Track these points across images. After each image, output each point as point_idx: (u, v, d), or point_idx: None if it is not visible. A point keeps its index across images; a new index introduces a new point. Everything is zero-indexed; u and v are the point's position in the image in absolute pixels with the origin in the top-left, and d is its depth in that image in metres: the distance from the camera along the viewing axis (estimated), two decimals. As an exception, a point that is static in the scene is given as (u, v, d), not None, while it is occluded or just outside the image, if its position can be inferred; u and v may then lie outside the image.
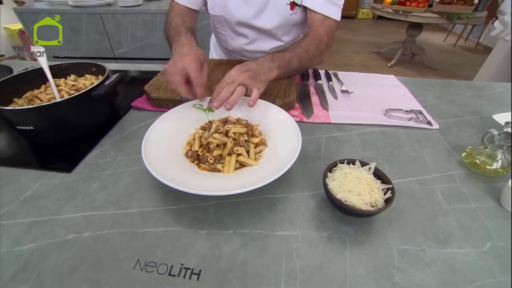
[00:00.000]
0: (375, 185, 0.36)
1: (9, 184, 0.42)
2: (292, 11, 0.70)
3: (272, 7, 0.69)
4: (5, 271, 0.31)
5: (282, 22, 0.72)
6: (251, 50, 0.80)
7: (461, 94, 0.71)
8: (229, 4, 0.70)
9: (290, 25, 0.74)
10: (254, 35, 0.76)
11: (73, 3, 2.00)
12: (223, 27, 0.78)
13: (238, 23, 0.74)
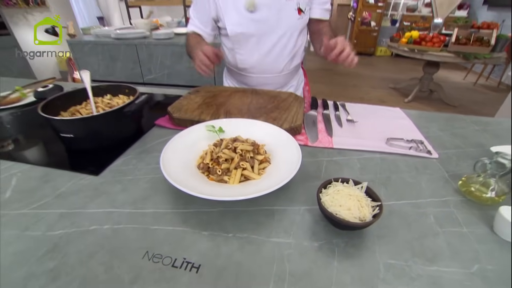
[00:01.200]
0: (365, 201, 0.39)
1: (49, 182, 0.49)
2: (299, 16, 0.83)
3: (285, 13, 0.81)
4: (38, 249, 0.36)
5: (290, 28, 0.84)
6: (266, 64, 0.91)
7: (466, 128, 0.73)
8: (244, 22, 0.81)
9: (298, 30, 0.86)
10: (269, 45, 0.86)
11: (114, 36, 2.28)
12: (240, 46, 0.88)
13: (255, 35, 0.84)
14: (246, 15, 0.80)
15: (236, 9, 0.80)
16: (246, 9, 0.79)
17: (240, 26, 0.82)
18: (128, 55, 2.28)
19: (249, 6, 0.78)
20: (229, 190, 0.45)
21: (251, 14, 0.80)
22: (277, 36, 0.85)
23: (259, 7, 0.78)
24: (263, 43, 0.86)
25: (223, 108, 0.75)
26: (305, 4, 0.82)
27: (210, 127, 0.59)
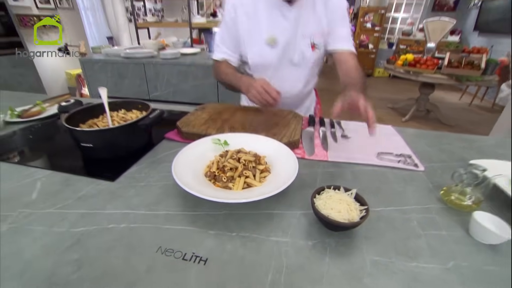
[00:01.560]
0: (353, 205, 0.44)
1: (69, 186, 0.55)
2: (312, 52, 0.91)
3: (299, 49, 0.89)
4: (63, 243, 0.41)
5: (304, 60, 0.92)
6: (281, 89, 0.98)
7: (452, 144, 0.79)
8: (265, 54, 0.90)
9: (311, 63, 0.94)
10: (283, 73, 0.94)
11: (124, 55, 2.41)
12: (259, 73, 0.96)
13: (272, 65, 0.92)
14: (266, 49, 0.89)
15: (258, 43, 0.89)
16: (267, 44, 0.88)
17: (261, 57, 0.92)
18: (136, 73, 2.40)
19: (270, 42, 0.87)
20: (233, 195, 0.50)
21: (271, 48, 0.89)
22: (293, 67, 0.93)
23: (278, 42, 0.87)
24: (279, 73, 0.94)
25: (227, 123, 0.82)
26: (319, 40, 0.90)
27: (216, 140, 0.65)
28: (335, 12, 0.87)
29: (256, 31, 0.88)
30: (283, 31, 0.87)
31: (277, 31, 0.87)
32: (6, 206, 0.49)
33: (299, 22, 0.86)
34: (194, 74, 2.27)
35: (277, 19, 0.86)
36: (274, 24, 0.86)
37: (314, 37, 0.89)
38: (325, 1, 0.86)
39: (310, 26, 0.87)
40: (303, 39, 0.88)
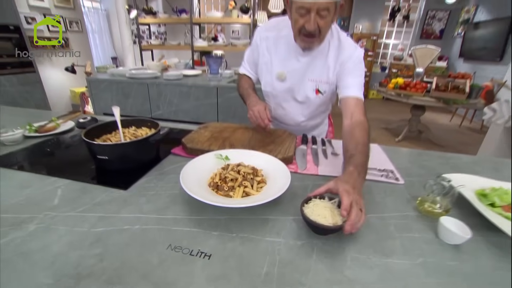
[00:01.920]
0: (336, 211, 0.51)
1: (86, 193, 0.61)
2: (316, 96, 0.98)
3: (303, 89, 0.97)
4: (86, 240, 0.47)
5: (308, 101, 1.00)
6: (287, 118, 1.08)
7: (431, 161, 0.87)
8: (276, 84, 1.00)
9: (315, 104, 1.02)
10: (289, 105, 1.04)
11: (129, 76, 2.54)
12: (269, 100, 1.09)
13: (278, 96, 1.03)
14: (276, 82, 0.99)
15: (270, 74, 0.99)
16: (277, 78, 0.98)
17: (270, 87, 1.02)
18: (139, 93, 2.52)
19: (279, 76, 0.97)
20: (233, 201, 0.57)
21: (279, 82, 0.99)
22: (297, 103, 1.03)
23: (287, 79, 0.97)
24: (284, 104, 1.05)
25: (228, 141, 0.90)
26: (324, 87, 0.95)
27: (218, 155, 0.73)
28: (345, 64, 0.89)
29: (271, 64, 0.98)
30: (293, 71, 0.95)
31: (288, 70, 0.96)
32: (33, 209, 0.55)
33: (309, 67, 0.94)
34: (195, 94, 2.39)
35: (291, 59, 0.94)
36: (287, 62, 0.95)
37: (319, 83, 0.95)
38: (338, 53, 0.90)
39: (317, 73, 0.94)
40: (309, 83, 0.96)
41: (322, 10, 0.75)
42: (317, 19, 0.76)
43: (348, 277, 0.42)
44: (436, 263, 0.45)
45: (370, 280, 0.42)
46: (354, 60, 0.89)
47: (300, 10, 0.76)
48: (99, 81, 2.60)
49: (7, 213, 0.53)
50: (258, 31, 1.00)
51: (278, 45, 0.95)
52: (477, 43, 4.65)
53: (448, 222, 0.51)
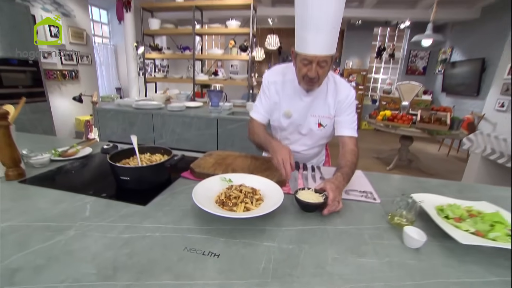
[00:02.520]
0: (319, 196, 0.65)
1: (111, 207, 0.73)
2: (318, 129, 1.14)
3: (307, 124, 1.13)
4: (116, 243, 0.58)
5: (310, 133, 1.15)
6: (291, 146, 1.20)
7: (406, 184, 1.01)
8: (282, 120, 1.15)
9: (317, 137, 1.17)
10: (294, 137, 1.19)
11: (135, 106, 2.72)
12: (276, 133, 1.24)
13: (284, 129, 1.18)
14: (283, 118, 1.15)
15: (278, 112, 1.15)
16: (284, 115, 1.14)
17: (278, 122, 1.18)
18: (144, 122, 2.68)
19: (286, 114, 1.13)
20: (236, 214, 0.69)
21: (286, 119, 1.15)
22: (301, 135, 1.18)
23: (292, 116, 1.13)
24: (290, 136, 1.20)
25: (230, 166, 1.03)
26: (325, 121, 1.10)
27: (223, 178, 0.86)
28: (342, 103, 1.07)
29: (279, 103, 1.14)
30: (298, 109, 1.12)
31: (293, 108, 1.12)
32: (69, 219, 0.66)
33: (311, 105, 1.11)
34: (197, 125, 2.56)
35: (296, 99, 1.11)
36: (292, 102, 1.12)
37: (322, 118, 1.10)
38: (335, 93, 1.07)
39: (319, 110, 1.10)
40: (312, 118, 1.11)
41: (322, 61, 0.92)
42: (317, 68, 0.93)
43: (328, 271, 0.53)
44: (399, 262, 0.57)
45: (345, 273, 0.53)
46: (349, 100, 1.08)
47: (304, 61, 0.94)
48: (106, 111, 2.77)
49: (50, 221, 0.64)
50: (266, 77, 1.15)
51: (285, 87, 1.12)
52: (456, 79, 5.07)
53: (410, 230, 0.63)
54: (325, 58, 0.92)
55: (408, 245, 0.62)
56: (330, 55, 0.92)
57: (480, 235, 0.63)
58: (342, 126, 1.09)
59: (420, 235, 0.61)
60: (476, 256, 0.60)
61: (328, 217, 0.73)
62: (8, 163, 0.85)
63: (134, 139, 0.99)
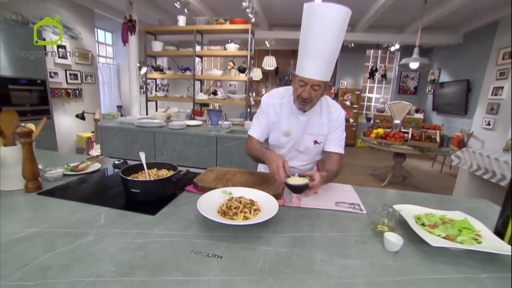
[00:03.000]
0: (306, 179, 0.79)
1: (124, 217, 0.81)
2: (314, 146, 1.25)
3: (305, 141, 1.24)
4: (131, 246, 0.66)
5: (307, 150, 1.26)
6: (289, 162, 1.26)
7: (391, 197, 1.10)
8: (282, 139, 1.26)
9: (313, 153, 1.28)
10: (292, 154, 1.29)
11: (137, 124, 2.83)
12: (276, 151, 1.31)
13: (283, 147, 1.28)
14: (283, 137, 1.26)
15: (278, 131, 1.26)
16: (284, 133, 1.25)
17: (277, 141, 1.28)
18: (146, 140, 2.78)
19: (286, 132, 1.24)
20: (236, 222, 0.77)
21: (285, 137, 1.26)
22: (298, 152, 1.29)
23: (291, 134, 1.24)
24: (288, 154, 1.30)
25: (230, 181, 1.12)
26: (321, 139, 1.23)
27: (224, 191, 0.95)
28: (333, 122, 1.21)
29: (278, 124, 1.25)
30: (296, 128, 1.24)
31: (291, 127, 1.24)
32: (86, 226, 0.74)
33: (308, 124, 1.23)
34: (197, 142, 2.66)
35: (293, 118, 1.23)
36: (290, 122, 1.24)
37: (317, 136, 1.22)
38: (328, 113, 1.21)
39: (315, 128, 1.22)
40: (309, 136, 1.23)
41: (315, 85, 1.05)
42: (311, 91, 1.06)
43: (316, 270, 0.61)
44: (379, 262, 0.65)
45: (331, 271, 0.61)
46: (340, 119, 1.22)
47: (300, 82, 1.07)
48: (109, 128, 2.87)
49: (70, 228, 0.72)
50: (265, 100, 1.26)
51: (283, 108, 1.24)
52: (445, 99, 5.31)
53: (390, 236, 0.72)
54: (319, 82, 1.05)
55: (388, 248, 0.71)
56: (323, 80, 1.06)
57: (450, 239, 0.72)
58: (331, 144, 1.22)
59: (398, 240, 0.70)
60: (446, 257, 0.68)
61: (318, 226, 0.82)
62: (28, 177, 0.93)
63: (142, 155, 1.09)
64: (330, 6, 0.97)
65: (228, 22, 3.42)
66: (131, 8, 4.16)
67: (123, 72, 6.00)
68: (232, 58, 3.87)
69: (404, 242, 0.73)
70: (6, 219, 0.76)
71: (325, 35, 0.99)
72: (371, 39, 5.93)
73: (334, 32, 1.00)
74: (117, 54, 6.13)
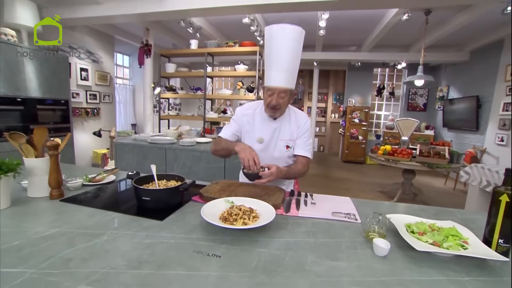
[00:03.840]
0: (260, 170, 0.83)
1: (135, 221, 0.89)
2: (286, 150, 1.35)
3: (278, 147, 1.34)
4: (140, 246, 0.73)
5: (281, 154, 1.36)
6: None
7: (385, 209, 1.14)
8: (256, 146, 1.35)
9: (286, 157, 1.38)
10: (266, 160, 1.36)
11: (150, 141, 2.98)
12: None
13: (260, 155, 1.34)
14: (256, 144, 1.37)
15: (252, 140, 1.38)
16: (257, 141, 1.37)
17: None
18: (157, 155, 2.92)
19: (259, 140, 1.36)
20: (235, 226, 0.84)
21: (259, 144, 1.37)
22: (273, 159, 1.38)
23: (264, 141, 1.36)
24: (263, 161, 1.36)
25: (234, 192, 1.20)
26: (291, 143, 1.37)
27: (227, 200, 1.02)
28: (300, 128, 1.37)
29: (251, 132, 1.38)
30: (268, 135, 1.36)
31: (264, 134, 1.36)
32: (102, 228, 0.83)
33: (279, 130, 1.36)
34: (206, 159, 2.77)
35: (265, 127, 1.36)
36: (263, 130, 1.37)
37: (288, 141, 1.37)
38: (296, 120, 1.37)
39: (285, 134, 1.36)
40: (281, 142, 1.37)
41: (281, 93, 1.23)
42: (278, 98, 1.24)
43: (306, 269, 0.67)
44: (366, 265, 0.70)
45: (320, 271, 0.66)
46: (306, 126, 1.39)
47: (268, 92, 1.25)
48: (123, 144, 3.04)
49: (88, 229, 0.81)
50: (239, 110, 1.42)
51: (255, 118, 1.38)
52: (455, 115, 5.27)
53: (378, 241, 0.76)
54: (284, 90, 1.23)
55: (377, 253, 0.75)
56: (288, 88, 1.25)
57: (436, 245, 0.76)
58: (299, 148, 1.38)
59: (386, 245, 0.75)
60: (433, 262, 0.72)
61: (313, 232, 0.88)
62: (53, 185, 1.04)
63: (153, 167, 1.19)
64: (285, 26, 1.19)
65: (237, 44, 3.64)
66: (148, 34, 4.50)
67: (138, 92, 6.35)
68: (241, 78, 4.06)
69: (393, 248, 0.78)
70: (34, 221, 0.86)
71: (284, 49, 1.19)
72: (377, 58, 6.07)
73: (291, 46, 1.20)
74: (133, 76, 6.53)
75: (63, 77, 3.31)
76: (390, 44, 5.58)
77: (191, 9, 3.35)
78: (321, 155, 8.33)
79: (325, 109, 8.88)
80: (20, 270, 0.61)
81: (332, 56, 6.30)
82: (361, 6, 3.19)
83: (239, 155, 1.21)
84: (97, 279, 0.59)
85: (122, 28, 4.91)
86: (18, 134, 1.04)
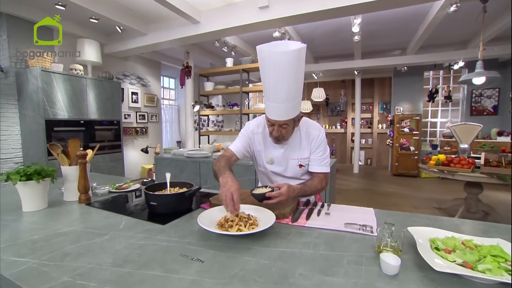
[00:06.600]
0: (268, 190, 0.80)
1: (139, 224, 0.93)
2: (300, 169, 1.25)
3: (290, 167, 1.25)
4: (134, 246, 0.75)
5: (295, 174, 1.26)
6: None
7: (416, 221, 0.96)
8: (267, 166, 1.29)
9: (300, 176, 1.28)
10: (280, 179, 1.30)
11: (186, 155, 3.15)
12: (263, 175, 1.36)
13: (272, 174, 1.30)
14: (268, 165, 1.30)
15: (263, 160, 1.31)
16: (267, 162, 1.29)
17: (263, 168, 1.33)
18: (192, 169, 3.06)
19: (269, 161, 1.29)
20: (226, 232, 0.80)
21: (270, 165, 1.29)
22: (286, 178, 1.29)
23: (275, 162, 1.28)
24: (276, 178, 1.31)
25: (244, 201, 1.15)
26: (305, 162, 1.24)
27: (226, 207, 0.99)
28: (313, 142, 1.22)
29: (264, 152, 1.29)
30: (277, 157, 1.26)
31: (273, 156, 1.27)
32: (107, 229, 0.88)
33: (288, 152, 1.23)
34: (236, 171, 2.80)
35: (272, 150, 1.27)
36: (271, 152, 1.27)
37: (301, 160, 1.24)
38: (307, 135, 1.23)
39: (296, 154, 1.23)
40: (293, 161, 1.24)
41: (283, 124, 1.10)
42: (280, 129, 1.11)
43: (290, 282, 0.59)
44: (367, 284, 0.58)
45: (305, 286, 0.58)
46: (319, 139, 1.23)
47: (268, 122, 1.14)
48: (163, 159, 3.29)
49: (95, 229, 0.88)
50: (249, 126, 1.30)
51: (265, 138, 1.27)
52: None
53: (386, 257, 0.64)
54: (286, 122, 1.09)
55: (385, 271, 0.63)
56: (290, 119, 1.09)
57: (468, 266, 0.60)
58: (314, 164, 1.24)
59: (395, 261, 0.62)
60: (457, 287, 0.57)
61: (314, 244, 0.78)
62: (81, 190, 1.17)
63: (168, 175, 1.24)
64: (278, 52, 0.94)
65: (268, 59, 3.70)
66: (188, 56, 4.92)
67: (182, 111, 6.89)
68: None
69: (409, 266, 0.65)
70: (58, 220, 0.97)
71: (280, 78, 0.98)
72: (426, 60, 5.50)
73: (287, 72, 0.97)
74: (178, 96, 7.14)
75: (116, 101, 3.82)
76: (441, 43, 5.03)
77: (223, 29, 3.57)
78: (368, 169, 7.70)
79: (371, 119, 8.28)
80: (25, 260, 0.68)
81: (374, 63, 5.93)
82: (403, 3, 2.96)
83: (219, 188, 1.02)
84: (81, 273, 0.62)
85: (167, 54, 5.47)
86: (55, 145, 1.20)
